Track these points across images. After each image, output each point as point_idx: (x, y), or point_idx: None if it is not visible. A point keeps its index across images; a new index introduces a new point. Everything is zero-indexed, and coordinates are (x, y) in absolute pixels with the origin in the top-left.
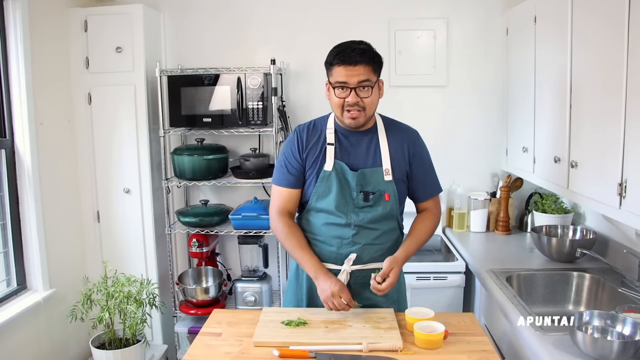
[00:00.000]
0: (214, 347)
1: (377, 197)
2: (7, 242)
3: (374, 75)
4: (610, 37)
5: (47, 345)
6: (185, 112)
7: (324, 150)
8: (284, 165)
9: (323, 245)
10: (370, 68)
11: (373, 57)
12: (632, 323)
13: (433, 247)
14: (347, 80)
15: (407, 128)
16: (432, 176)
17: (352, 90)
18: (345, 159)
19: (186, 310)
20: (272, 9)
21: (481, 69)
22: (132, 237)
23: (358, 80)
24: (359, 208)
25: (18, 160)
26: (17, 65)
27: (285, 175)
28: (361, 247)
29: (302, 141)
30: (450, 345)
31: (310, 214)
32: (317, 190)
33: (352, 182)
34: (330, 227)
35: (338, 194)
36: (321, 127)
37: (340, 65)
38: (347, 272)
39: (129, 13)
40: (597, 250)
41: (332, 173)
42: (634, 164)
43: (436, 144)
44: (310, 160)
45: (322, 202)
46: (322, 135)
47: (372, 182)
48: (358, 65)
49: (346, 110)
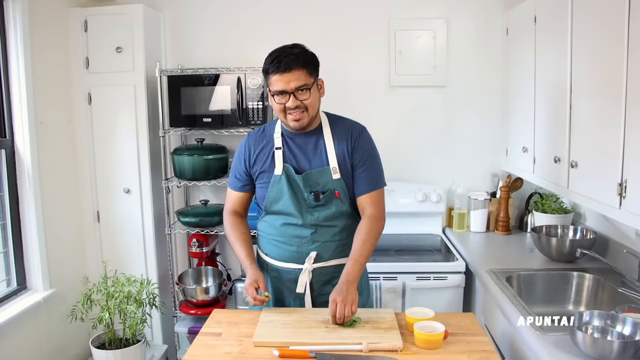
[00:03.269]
0: (214, 347)
1: (328, 196)
2: (7, 242)
3: (310, 77)
4: (610, 36)
5: (47, 345)
6: (185, 112)
7: (273, 154)
8: (234, 171)
9: (284, 246)
10: (304, 71)
11: (307, 60)
12: (632, 323)
13: (433, 247)
14: (284, 88)
15: (351, 123)
16: (372, 172)
17: (291, 94)
18: (293, 162)
19: (186, 310)
20: (272, 9)
21: (481, 69)
22: (132, 237)
23: (295, 86)
24: (312, 208)
25: (18, 160)
26: (17, 65)
27: (233, 179)
28: (320, 245)
29: (249, 148)
30: (450, 345)
31: (269, 217)
32: (269, 195)
33: (300, 184)
34: (289, 227)
35: (291, 197)
36: (270, 132)
37: (275, 73)
38: (309, 271)
39: (129, 13)
40: (597, 250)
41: (282, 177)
42: (634, 164)
43: (436, 144)
44: (259, 165)
45: (276, 206)
46: (271, 140)
47: (321, 182)
48: (292, 71)
49: (289, 114)
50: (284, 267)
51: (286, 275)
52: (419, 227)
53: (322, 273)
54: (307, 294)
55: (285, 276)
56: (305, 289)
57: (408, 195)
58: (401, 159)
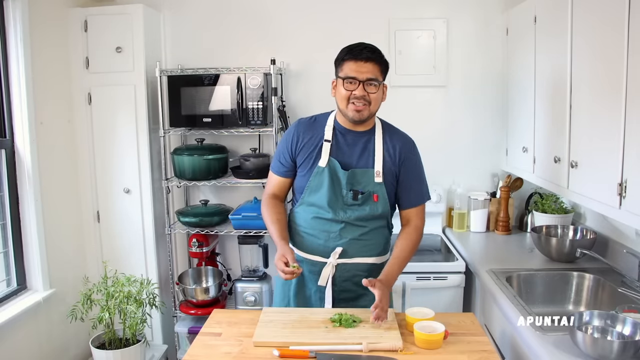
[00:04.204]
0: (214, 347)
1: (366, 197)
2: (7, 242)
3: (381, 75)
4: (611, 36)
5: (47, 345)
6: (185, 112)
7: (320, 146)
8: (278, 155)
9: (311, 238)
10: (378, 68)
11: (382, 60)
12: (632, 323)
13: (433, 247)
14: (356, 76)
15: (404, 135)
16: (420, 185)
17: (361, 84)
18: (340, 157)
19: (186, 310)
20: (272, 8)
21: (481, 69)
22: (132, 237)
23: (367, 77)
24: (347, 205)
25: (18, 160)
26: (17, 65)
27: (277, 164)
28: (347, 241)
29: (298, 135)
30: (450, 345)
31: (302, 207)
32: (310, 184)
33: (342, 180)
34: (319, 221)
35: (329, 190)
36: (321, 123)
37: (351, 60)
38: (333, 265)
39: (129, 13)
40: (597, 250)
41: (325, 169)
42: (634, 164)
43: (436, 144)
44: (304, 154)
45: (313, 197)
46: (321, 131)
47: (362, 182)
48: (368, 62)
49: (352, 103)
50: (308, 259)
51: (310, 267)
52: None
53: (345, 269)
54: (329, 288)
55: (309, 268)
56: (327, 282)
57: None
58: None
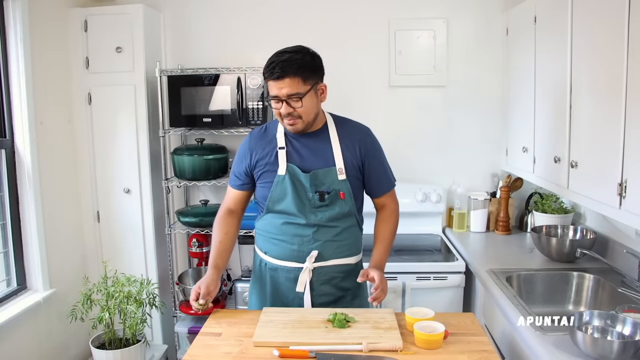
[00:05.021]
0: (214, 347)
1: (333, 196)
2: (7, 242)
3: (305, 85)
4: (610, 36)
5: (47, 345)
6: (185, 112)
7: (275, 154)
8: (234, 169)
9: (284, 244)
10: (298, 79)
11: (303, 66)
12: (632, 323)
13: (433, 247)
14: (277, 94)
15: (358, 125)
16: (386, 171)
17: (284, 101)
18: (298, 162)
19: (186, 310)
20: (272, 9)
21: (481, 69)
22: (132, 237)
23: (287, 94)
24: (316, 208)
25: (18, 160)
26: (17, 65)
27: (233, 177)
28: (322, 244)
29: (251, 149)
30: (450, 345)
31: (270, 215)
32: (272, 194)
33: (305, 183)
34: (290, 226)
35: (294, 197)
36: (272, 131)
37: (269, 80)
38: (310, 270)
39: (129, 13)
40: (597, 250)
41: (285, 177)
42: (634, 164)
43: (436, 144)
44: (261, 166)
45: (279, 205)
46: (274, 140)
47: (327, 182)
48: (285, 78)
49: (284, 119)
50: (283, 266)
51: (285, 274)
52: (419, 227)
53: (322, 272)
54: (307, 293)
55: (284, 275)
56: (305, 288)
57: (408, 195)
58: (401, 159)
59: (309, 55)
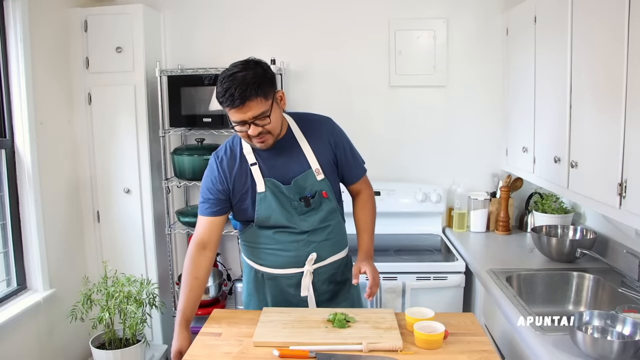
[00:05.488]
0: (214, 347)
1: (317, 198)
2: (7, 242)
3: (267, 101)
4: (611, 36)
5: (47, 345)
6: (185, 112)
7: (249, 172)
8: (206, 196)
9: (281, 252)
10: (259, 99)
11: (260, 84)
12: (632, 323)
13: (433, 247)
14: (242, 119)
15: (320, 119)
16: (356, 158)
17: (251, 124)
18: (274, 173)
19: None
20: (272, 9)
21: (481, 69)
22: (132, 237)
23: (252, 116)
24: (304, 215)
25: (18, 160)
26: (17, 65)
27: (206, 205)
28: (317, 245)
29: (223, 171)
30: (450, 345)
31: (257, 228)
32: (258, 213)
33: (289, 194)
34: (283, 234)
35: (281, 209)
36: (237, 150)
37: (230, 109)
38: (310, 272)
39: (129, 13)
40: (597, 250)
41: (266, 193)
42: (634, 164)
43: (436, 144)
44: (239, 186)
45: (268, 222)
46: (242, 158)
47: (308, 186)
48: (247, 103)
49: (253, 140)
50: (283, 274)
51: (285, 281)
52: (419, 227)
53: (322, 272)
54: (311, 295)
55: (285, 282)
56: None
57: (408, 195)
58: (401, 159)
59: (259, 67)
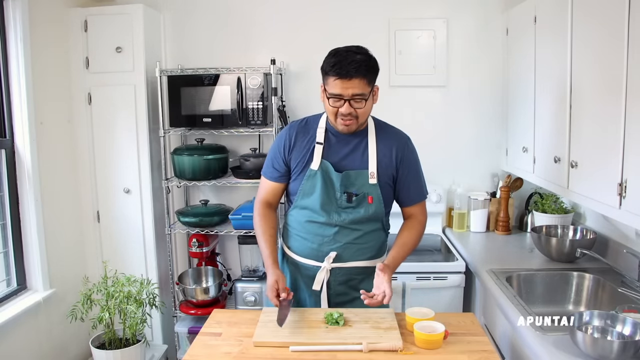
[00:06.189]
0: (214, 347)
1: (360, 199)
2: (7, 242)
3: (368, 86)
4: (610, 36)
5: (47, 345)
6: (185, 112)
7: (312, 148)
8: (271, 160)
9: (304, 242)
10: (365, 81)
11: (369, 68)
12: (632, 323)
13: (433, 247)
14: (341, 93)
15: (398, 132)
16: (419, 182)
17: (347, 101)
18: (332, 159)
19: (186, 310)
20: (272, 9)
21: (481, 69)
22: (132, 237)
23: (352, 94)
24: (342, 208)
25: (18, 160)
26: (17, 65)
27: (270, 169)
28: (342, 245)
29: (290, 139)
30: (450, 345)
31: (295, 210)
32: (302, 188)
33: (336, 182)
34: (313, 224)
35: (322, 193)
36: (313, 125)
37: (335, 77)
38: (327, 270)
39: (129, 13)
40: (597, 250)
41: (317, 172)
42: (634, 164)
43: (436, 144)
44: (296, 158)
45: (306, 200)
46: (313, 134)
47: (357, 184)
48: (353, 79)
49: (340, 118)
50: (303, 263)
51: (305, 271)
52: None
53: (340, 273)
54: (324, 292)
55: (304, 272)
56: (321, 287)
57: None
58: None
59: (372, 57)
